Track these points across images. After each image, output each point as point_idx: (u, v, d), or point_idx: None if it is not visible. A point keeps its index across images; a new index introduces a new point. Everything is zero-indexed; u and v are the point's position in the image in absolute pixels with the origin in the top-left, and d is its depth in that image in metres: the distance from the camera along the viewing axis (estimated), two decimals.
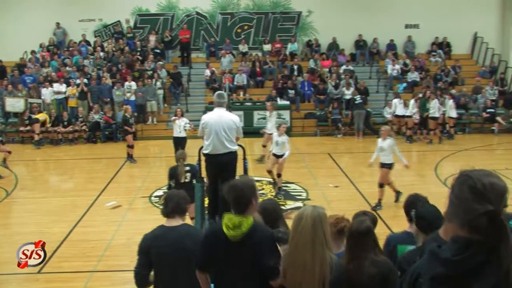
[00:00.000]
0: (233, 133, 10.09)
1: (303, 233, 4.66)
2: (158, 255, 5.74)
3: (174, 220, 5.87)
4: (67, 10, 30.70)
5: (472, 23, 31.21)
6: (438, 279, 2.72)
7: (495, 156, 22.60)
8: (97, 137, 25.35)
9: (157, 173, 18.84)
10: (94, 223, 14.07)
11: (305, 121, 27.34)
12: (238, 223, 4.84)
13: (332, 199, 15.32)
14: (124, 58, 28.95)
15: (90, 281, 10.52)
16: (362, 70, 30.67)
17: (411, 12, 31.36)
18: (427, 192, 6.22)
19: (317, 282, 4.64)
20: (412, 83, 28.70)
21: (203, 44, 32.16)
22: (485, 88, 28.00)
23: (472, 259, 2.64)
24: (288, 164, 19.68)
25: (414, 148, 23.46)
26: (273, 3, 32.08)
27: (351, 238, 4.91)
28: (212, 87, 27.12)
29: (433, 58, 31.26)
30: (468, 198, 2.73)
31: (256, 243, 4.86)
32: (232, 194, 5.00)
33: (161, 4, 31.81)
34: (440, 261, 2.73)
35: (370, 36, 31.64)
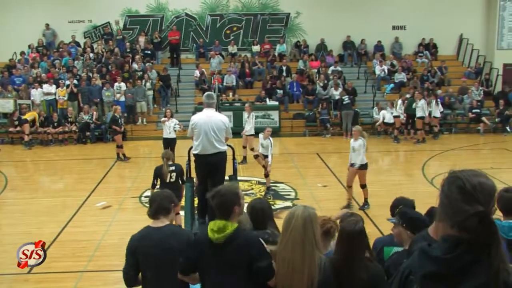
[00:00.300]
0: (222, 133, 10.07)
1: (293, 233, 4.64)
2: (144, 256, 5.72)
3: (159, 220, 5.86)
4: (57, 11, 30.65)
5: (458, 25, 31.47)
6: (429, 277, 2.73)
7: (481, 155, 22.67)
8: (87, 138, 25.23)
9: (147, 174, 18.70)
10: (84, 224, 14.00)
11: (294, 122, 27.36)
12: (223, 226, 4.85)
13: (321, 198, 15.30)
14: (114, 59, 28.88)
15: (80, 281, 10.46)
16: (350, 70, 30.72)
17: (398, 14, 31.50)
18: (414, 191, 6.25)
19: (306, 282, 4.61)
20: (399, 84, 28.77)
21: (193, 45, 32.14)
22: (471, 88, 28.09)
23: (462, 257, 2.64)
24: (277, 164, 19.73)
25: (402, 148, 23.51)
26: (262, 5, 32.08)
27: (343, 239, 4.82)
28: (202, 88, 27.09)
29: (420, 59, 31.41)
30: (458, 199, 2.74)
31: (242, 246, 4.85)
32: (215, 200, 5.00)
33: (150, 5, 31.73)
34: (431, 259, 2.74)
35: (358, 37, 31.71)
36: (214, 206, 5.00)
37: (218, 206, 4.98)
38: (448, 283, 2.67)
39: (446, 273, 2.67)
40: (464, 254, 2.65)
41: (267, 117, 26.09)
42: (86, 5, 30.80)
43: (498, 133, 26.00)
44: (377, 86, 29.19)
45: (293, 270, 4.63)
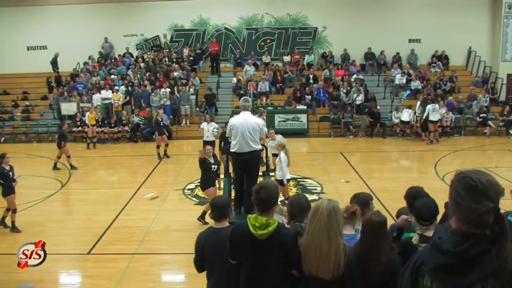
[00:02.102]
0: (257, 134, 10.09)
1: (319, 223, 4.67)
2: (209, 250, 5.87)
3: (220, 223, 5.98)
4: (113, 26, 31.13)
5: (467, 39, 31.20)
6: (439, 268, 2.73)
7: (487, 155, 22.41)
8: (137, 137, 25.52)
9: (189, 169, 18.88)
10: (135, 212, 14.15)
11: (320, 124, 27.26)
12: (265, 222, 4.82)
13: (344, 193, 15.20)
14: (161, 68, 29.15)
15: (132, 262, 10.59)
16: (371, 79, 30.51)
17: (414, 29, 31.26)
18: (427, 187, 6.18)
19: (332, 266, 4.66)
20: (415, 91, 28.55)
21: (231, 55, 32.25)
22: (479, 95, 27.82)
23: (471, 250, 2.63)
24: (305, 162, 19.77)
25: (417, 148, 23.36)
26: (293, 20, 32.07)
27: (367, 230, 4.86)
28: (238, 93, 27.19)
29: (433, 69, 31.14)
30: (470, 196, 2.70)
31: (282, 242, 4.84)
32: (262, 194, 4.92)
33: (194, 20, 31.94)
34: (442, 252, 2.73)
35: (378, 49, 31.54)
36: (259, 199, 4.93)
37: (263, 200, 4.92)
38: (458, 273, 2.66)
39: (456, 265, 2.66)
40: (473, 246, 2.64)
41: (296, 119, 26.07)
42: (138, 20, 31.24)
43: (502, 135, 25.70)
44: (395, 92, 29.03)
45: (320, 255, 4.66)
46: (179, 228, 12.47)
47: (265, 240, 4.82)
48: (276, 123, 25.11)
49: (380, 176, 18.33)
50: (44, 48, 31.69)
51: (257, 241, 4.84)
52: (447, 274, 2.70)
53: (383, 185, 16.03)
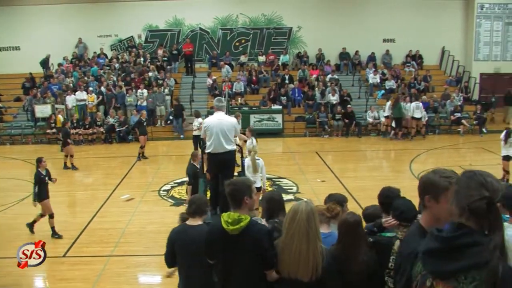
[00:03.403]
0: (231, 134, 10.12)
1: (298, 226, 4.68)
2: (180, 247, 6.04)
3: (194, 220, 6.11)
4: (88, 27, 30.88)
5: (440, 39, 31.62)
6: (430, 252, 2.81)
7: (461, 153, 22.64)
8: (112, 138, 25.42)
9: (165, 170, 18.90)
10: (111, 214, 14.13)
11: (296, 124, 27.35)
12: (237, 218, 4.84)
13: (320, 192, 15.28)
14: (136, 68, 29.07)
15: (107, 264, 10.59)
16: (346, 78, 30.66)
17: (388, 29, 31.54)
18: (402, 185, 6.26)
19: (311, 268, 4.69)
20: (389, 90, 28.77)
21: (206, 56, 32.24)
22: (452, 95, 28.14)
23: (462, 238, 2.71)
24: (281, 162, 19.86)
25: (392, 147, 23.57)
26: (267, 20, 32.15)
27: (343, 230, 4.92)
28: (213, 94, 27.15)
29: (407, 68, 31.45)
30: (472, 186, 2.81)
31: (254, 238, 4.86)
32: (229, 188, 5.03)
33: (169, 21, 31.86)
34: (434, 237, 2.82)
35: (353, 49, 31.74)
36: (227, 194, 5.02)
37: (230, 194, 5.00)
38: (444, 259, 2.74)
39: (444, 251, 2.74)
40: (464, 235, 2.71)
41: (271, 120, 26.15)
42: (113, 21, 31.07)
43: (475, 134, 26.00)
44: (369, 92, 29.25)
45: (299, 257, 4.69)
46: (155, 230, 12.46)
47: (237, 236, 4.84)
48: (251, 123, 25.14)
49: (355, 175, 18.47)
50: (17, 49, 31.36)
51: (230, 238, 4.86)
52: (434, 258, 2.79)
53: (358, 184, 16.18)
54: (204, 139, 10.52)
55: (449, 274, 2.72)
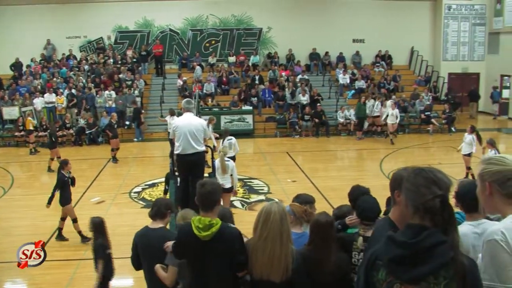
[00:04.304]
0: (201, 135, 10.16)
1: (272, 227, 4.68)
2: (142, 250, 6.14)
3: (155, 222, 6.20)
4: (56, 28, 30.57)
5: (409, 39, 32.10)
6: (395, 260, 2.80)
7: (430, 152, 22.91)
8: (82, 141, 25.20)
9: (136, 172, 18.86)
10: (81, 217, 13.93)
11: (266, 124, 27.46)
12: (208, 223, 4.79)
13: (290, 192, 15.28)
14: (105, 70, 28.89)
15: (78, 268, 10.56)
16: (316, 79, 30.91)
17: (358, 29, 31.84)
18: (372, 184, 6.36)
19: (283, 270, 4.71)
20: (359, 90, 29.03)
21: (176, 57, 32.19)
22: (422, 94, 28.48)
23: (426, 241, 2.72)
24: (252, 162, 19.94)
25: (362, 146, 23.76)
26: (237, 21, 32.22)
27: (315, 229, 4.97)
28: (184, 95, 27.06)
29: (377, 68, 31.83)
30: (423, 184, 2.84)
31: (226, 242, 4.83)
32: (206, 188, 4.94)
33: (138, 22, 31.74)
34: (398, 244, 2.81)
35: (323, 49, 31.98)
36: (202, 195, 4.91)
37: (205, 196, 4.91)
38: (413, 265, 2.74)
39: (411, 256, 2.74)
40: (428, 237, 2.72)
41: (242, 120, 26.20)
42: (82, 22, 30.75)
43: (444, 133, 26.34)
44: (340, 92, 29.45)
45: (273, 260, 4.69)
46: (126, 232, 12.32)
47: (209, 242, 4.81)
48: (222, 124, 25.17)
49: (326, 175, 18.59)
50: None
51: (202, 243, 4.82)
52: (402, 266, 2.77)
53: (329, 184, 16.30)
54: (173, 140, 10.56)
55: (419, 279, 2.74)
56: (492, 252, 2.88)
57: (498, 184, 3.02)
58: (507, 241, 2.84)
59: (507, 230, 2.87)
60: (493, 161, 3.09)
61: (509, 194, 3.01)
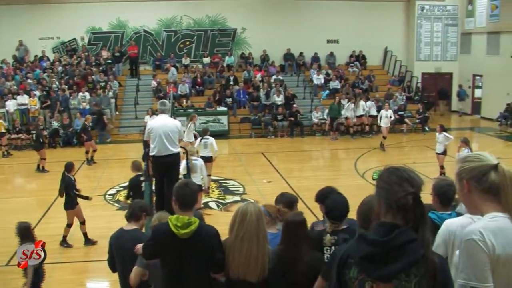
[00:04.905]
0: (176, 136, 10.15)
1: (249, 228, 4.69)
2: (116, 251, 6.27)
3: (130, 224, 6.33)
4: (29, 29, 30.19)
5: (383, 39, 32.33)
6: (366, 258, 2.81)
7: (405, 152, 23.10)
8: (56, 143, 24.96)
9: (110, 174, 18.75)
10: (55, 220, 13.91)
11: (241, 125, 27.47)
12: (187, 221, 4.78)
13: (266, 193, 15.45)
14: (79, 71, 28.65)
15: (53, 272, 10.43)
16: (290, 79, 30.98)
17: (332, 30, 31.96)
18: (347, 184, 6.42)
19: (259, 270, 4.71)
20: (334, 90, 29.16)
21: (150, 58, 32.05)
22: (395, 94, 28.70)
23: (398, 239, 2.74)
24: (227, 163, 19.91)
25: (336, 146, 23.86)
26: (212, 22, 32.18)
27: (287, 230, 5.00)
28: (158, 96, 26.94)
29: (351, 68, 31.98)
30: (396, 182, 2.86)
31: (204, 240, 4.83)
32: (185, 189, 4.95)
33: (112, 23, 31.54)
34: (369, 242, 2.82)
35: (297, 50, 32.06)
36: (182, 195, 4.91)
37: (186, 195, 4.91)
38: (384, 263, 2.75)
39: (382, 254, 2.76)
40: (400, 235, 2.74)
41: (217, 121, 26.17)
42: (55, 23, 30.43)
43: (418, 132, 26.57)
44: (314, 92, 29.56)
45: (250, 260, 4.69)
46: (101, 234, 12.30)
47: (187, 240, 4.80)
48: (197, 125, 25.12)
49: (301, 175, 18.65)
50: None
51: (180, 241, 4.80)
52: (373, 264, 2.79)
53: (304, 184, 16.33)
54: (148, 142, 10.52)
55: (391, 276, 2.76)
56: (469, 251, 2.89)
57: (475, 181, 3.05)
58: (485, 241, 2.86)
59: (485, 230, 2.89)
60: (469, 159, 3.13)
61: (485, 189, 3.03)
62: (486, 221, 2.97)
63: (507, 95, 28.14)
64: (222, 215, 13.72)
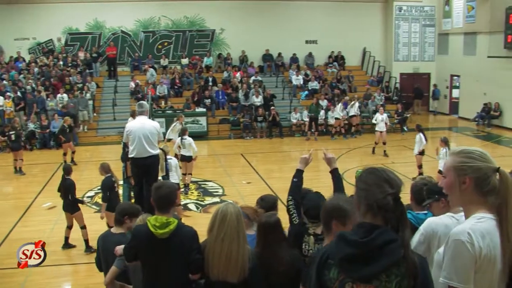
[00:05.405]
0: (155, 138, 10.12)
1: (230, 228, 4.70)
2: (102, 251, 6.39)
3: (115, 228, 6.45)
4: (3, 30, 29.92)
5: (362, 40, 32.54)
6: (347, 259, 2.81)
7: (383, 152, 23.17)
8: (32, 145, 24.71)
9: (89, 176, 18.60)
10: (32, 223, 13.82)
11: (220, 126, 27.43)
12: (165, 221, 4.82)
13: (246, 194, 15.48)
14: (55, 72, 28.38)
15: (30, 276, 10.36)
16: (269, 80, 30.98)
17: (310, 30, 32.06)
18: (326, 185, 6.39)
19: (240, 270, 4.72)
20: (313, 91, 29.23)
21: (128, 59, 31.87)
22: (374, 94, 28.84)
23: (378, 239, 2.75)
24: (206, 164, 19.85)
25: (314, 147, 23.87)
26: (190, 22, 32.10)
27: (262, 232, 5.00)
28: (136, 98, 26.80)
29: (330, 69, 32.07)
30: (376, 182, 2.87)
31: (183, 240, 4.86)
32: (162, 190, 4.99)
33: (89, 23, 31.33)
34: (349, 243, 2.82)
35: (276, 51, 32.05)
36: (160, 196, 4.94)
37: (164, 196, 4.95)
38: (365, 263, 2.76)
39: (363, 255, 2.77)
40: (380, 236, 2.75)
41: (196, 122, 26.10)
42: (30, 23, 30.11)
43: (397, 132, 26.70)
44: (293, 93, 29.60)
45: (230, 260, 4.69)
46: (78, 237, 12.23)
47: (166, 240, 4.83)
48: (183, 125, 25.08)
49: (281, 176, 18.59)
50: None
51: (158, 241, 4.83)
52: (353, 264, 2.79)
53: (284, 185, 16.14)
54: (127, 144, 10.46)
55: (371, 277, 2.76)
56: (456, 252, 2.89)
57: (479, 181, 3.02)
58: (472, 242, 2.86)
59: (473, 232, 2.89)
60: (472, 155, 3.07)
61: (485, 192, 3.01)
62: (474, 222, 2.97)
63: (484, 95, 28.41)
64: (201, 217, 13.69)
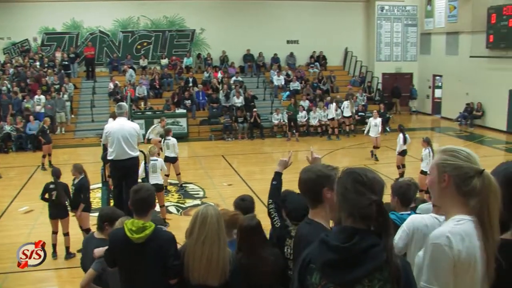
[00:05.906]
0: (134, 139, 10.02)
1: (210, 230, 4.66)
2: (83, 255, 6.52)
3: (97, 232, 6.36)
4: None
5: (343, 40, 32.66)
6: (328, 264, 2.78)
7: (367, 152, 23.10)
8: (8, 147, 24.38)
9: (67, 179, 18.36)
10: (8, 228, 13.62)
11: (201, 127, 27.33)
12: (142, 226, 4.77)
13: (227, 196, 15.34)
14: (31, 73, 28.07)
15: (6, 282, 10.19)
16: (250, 80, 30.96)
17: (291, 30, 32.09)
18: None
19: (221, 273, 4.69)
20: (294, 91, 29.22)
21: (106, 59, 31.64)
22: (356, 94, 28.89)
23: (359, 244, 2.72)
24: (187, 166, 19.73)
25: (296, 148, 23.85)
26: (169, 22, 31.97)
27: (243, 235, 4.94)
28: (115, 99, 26.60)
29: (312, 69, 32.11)
30: (357, 190, 2.82)
31: (159, 245, 4.80)
32: (141, 193, 4.94)
33: (66, 23, 31.05)
34: (330, 248, 2.79)
35: (257, 51, 32.02)
36: (138, 200, 4.91)
37: (141, 200, 4.92)
38: (346, 268, 2.73)
39: (345, 260, 2.74)
40: (362, 241, 2.72)
41: (176, 124, 25.92)
42: (5, 23, 29.75)
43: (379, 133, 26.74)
44: (274, 93, 29.55)
45: (211, 263, 4.65)
46: (57, 242, 12.06)
47: (142, 244, 4.78)
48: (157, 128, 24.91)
49: (262, 177, 18.49)
50: None
51: (134, 246, 4.78)
52: (336, 270, 2.77)
53: (266, 187, 16.06)
54: (106, 145, 10.35)
55: (354, 282, 2.73)
56: (434, 255, 2.85)
57: (458, 180, 2.96)
58: (451, 246, 2.82)
59: (453, 235, 2.84)
60: (455, 154, 3.02)
61: (464, 192, 2.95)
62: (453, 224, 2.92)
63: (467, 95, 28.60)
64: (182, 219, 13.59)
